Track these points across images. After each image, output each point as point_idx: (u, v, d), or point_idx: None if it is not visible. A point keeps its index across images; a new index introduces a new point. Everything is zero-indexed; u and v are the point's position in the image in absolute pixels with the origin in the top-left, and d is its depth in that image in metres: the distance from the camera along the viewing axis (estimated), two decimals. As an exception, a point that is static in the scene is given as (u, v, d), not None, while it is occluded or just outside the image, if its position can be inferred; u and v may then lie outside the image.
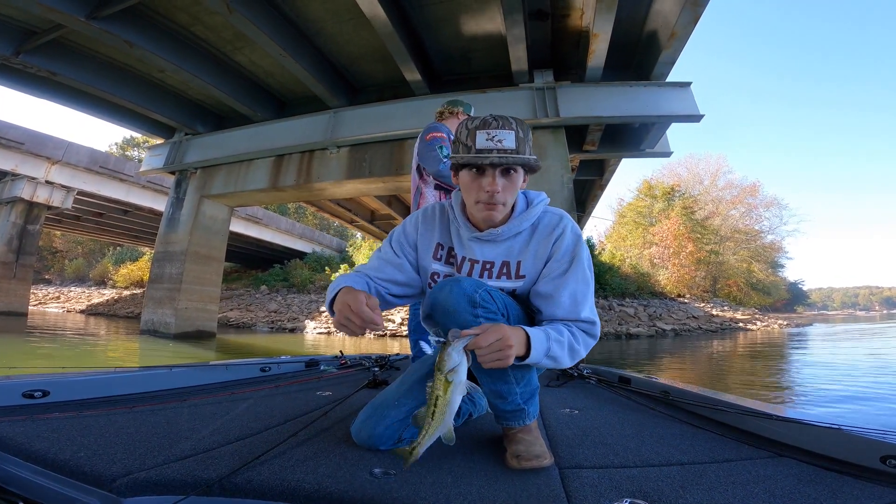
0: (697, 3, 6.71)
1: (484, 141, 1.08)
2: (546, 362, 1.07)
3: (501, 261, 1.20)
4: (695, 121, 8.41)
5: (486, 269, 1.20)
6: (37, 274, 34.78)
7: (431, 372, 1.13)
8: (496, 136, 1.07)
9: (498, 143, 1.07)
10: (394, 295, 1.27)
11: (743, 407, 1.43)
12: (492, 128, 1.08)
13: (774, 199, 34.29)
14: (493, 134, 1.08)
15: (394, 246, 1.30)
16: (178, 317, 10.59)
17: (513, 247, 1.19)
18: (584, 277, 1.16)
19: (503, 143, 1.07)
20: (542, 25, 8.09)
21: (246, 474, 0.93)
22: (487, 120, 1.09)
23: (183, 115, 11.48)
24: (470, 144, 1.09)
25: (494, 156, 1.07)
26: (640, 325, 16.44)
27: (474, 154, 1.09)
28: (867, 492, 0.91)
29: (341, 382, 2.19)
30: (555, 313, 1.14)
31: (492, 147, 1.07)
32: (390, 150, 9.49)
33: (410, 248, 1.30)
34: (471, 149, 1.09)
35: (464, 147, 1.11)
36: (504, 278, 1.20)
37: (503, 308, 1.11)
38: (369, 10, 7.06)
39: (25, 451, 0.96)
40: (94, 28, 7.87)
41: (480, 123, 1.09)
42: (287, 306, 20.59)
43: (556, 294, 1.14)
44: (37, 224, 16.81)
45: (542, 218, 1.21)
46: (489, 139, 1.08)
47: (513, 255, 1.19)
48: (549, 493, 0.92)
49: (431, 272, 1.27)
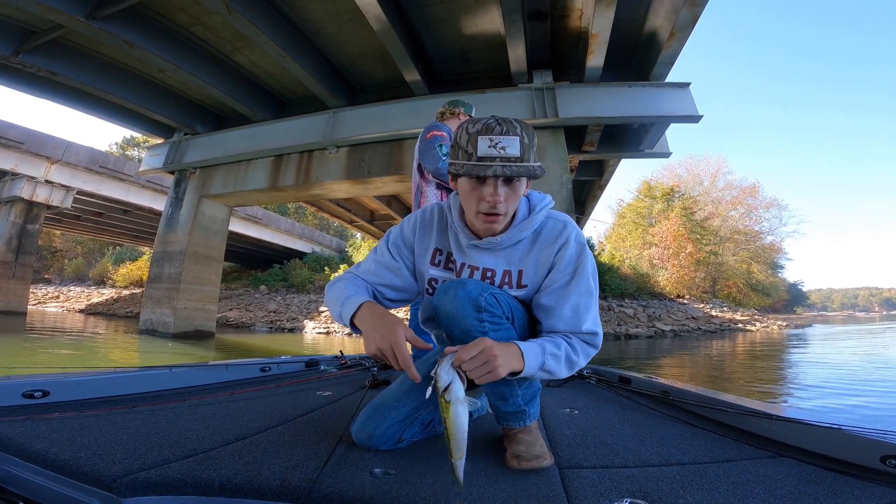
0: (696, 3, 6.73)
1: (486, 148, 0.99)
2: (541, 375, 1.04)
3: (503, 270, 1.15)
4: (694, 121, 8.43)
5: (487, 278, 1.16)
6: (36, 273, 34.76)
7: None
8: (500, 143, 0.98)
9: (501, 150, 0.98)
10: (389, 299, 1.25)
11: (743, 407, 1.43)
12: (495, 133, 0.99)
13: (774, 200, 34.35)
14: (496, 140, 0.99)
15: (391, 249, 1.25)
16: (176, 316, 10.59)
17: (513, 255, 1.15)
18: (587, 289, 1.11)
19: (507, 150, 0.99)
20: (541, 26, 8.12)
21: (246, 474, 0.93)
22: (490, 124, 1.00)
23: (182, 115, 11.49)
24: (471, 151, 1.01)
25: (498, 164, 0.98)
26: (639, 326, 16.46)
27: (475, 162, 1.00)
28: (867, 492, 0.91)
29: (341, 382, 2.18)
30: (555, 326, 1.10)
31: (495, 155, 0.99)
32: (389, 151, 9.50)
33: (408, 251, 1.26)
34: (472, 156, 1.01)
35: (464, 153, 1.02)
36: (506, 288, 1.15)
37: (508, 312, 1.08)
38: (368, 9, 7.06)
39: (25, 451, 0.95)
40: (94, 28, 7.87)
41: (483, 128, 1.00)
42: (286, 306, 20.61)
43: (558, 307, 1.10)
44: (36, 223, 16.80)
45: (545, 224, 1.16)
46: (492, 146, 0.99)
47: (513, 264, 1.15)
48: (549, 493, 0.92)
49: (429, 278, 1.23)
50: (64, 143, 16.41)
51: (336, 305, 1.12)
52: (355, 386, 2.07)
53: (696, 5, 6.77)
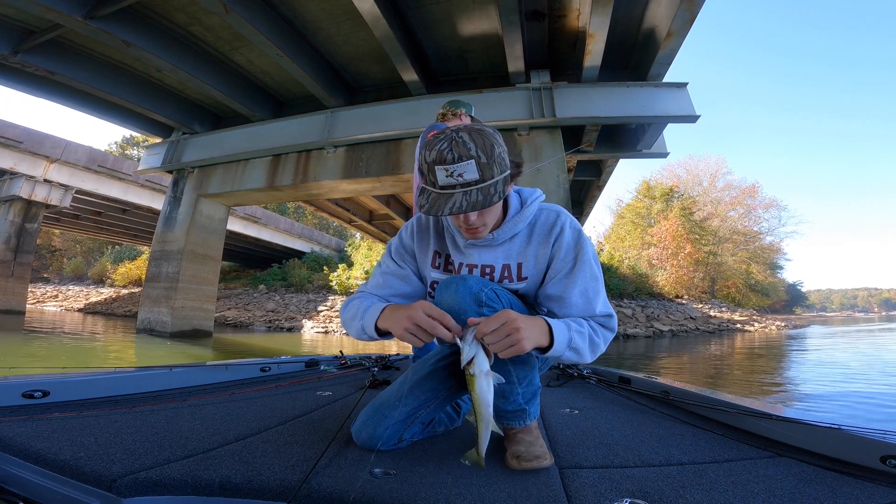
0: (693, 2, 6.73)
1: (444, 177, 0.99)
2: (569, 354, 1.03)
3: (502, 264, 1.17)
4: (691, 121, 8.43)
5: (487, 274, 1.18)
6: (36, 272, 34.71)
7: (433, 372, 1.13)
8: (455, 171, 0.97)
9: (459, 177, 0.98)
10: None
11: (743, 407, 1.44)
12: (448, 163, 0.97)
13: (773, 201, 34.44)
14: (451, 169, 0.97)
15: (395, 258, 1.28)
16: (174, 315, 10.57)
17: (511, 249, 1.17)
18: (591, 273, 1.12)
19: (464, 176, 0.97)
20: (538, 26, 8.11)
21: (246, 474, 0.94)
22: (443, 154, 0.97)
23: (181, 114, 11.47)
24: (433, 180, 1.01)
25: (458, 193, 0.99)
26: (637, 326, 16.48)
27: (438, 191, 1.01)
28: (867, 492, 0.91)
29: (341, 382, 2.19)
30: (569, 314, 1.11)
31: (454, 183, 0.98)
32: (387, 150, 9.49)
33: (410, 257, 1.28)
34: (434, 184, 1.01)
35: (429, 180, 1.03)
36: (506, 281, 1.17)
37: (508, 307, 1.08)
38: (365, 9, 7.06)
39: (25, 451, 0.96)
40: (92, 27, 7.85)
41: (437, 157, 0.98)
42: (285, 306, 20.60)
43: (567, 295, 1.11)
44: (35, 223, 16.79)
45: (539, 216, 1.18)
46: (449, 175, 0.98)
47: (512, 258, 1.17)
48: (549, 493, 0.93)
49: (431, 281, 1.25)
50: (63, 143, 16.40)
51: (355, 322, 1.13)
52: (355, 386, 2.08)
53: (693, 4, 6.77)
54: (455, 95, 8.78)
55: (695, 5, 6.80)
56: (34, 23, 8.81)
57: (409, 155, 9.22)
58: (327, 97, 9.89)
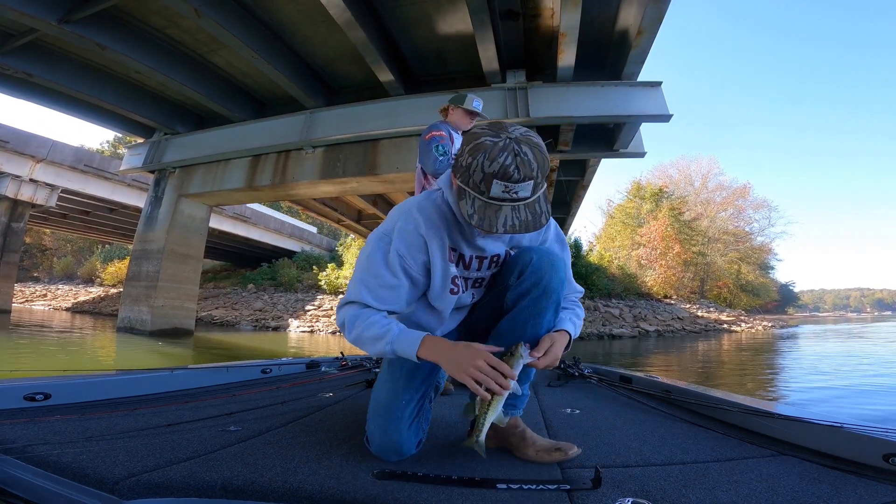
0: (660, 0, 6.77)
1: (500, 192, 0.96)
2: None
3: (504, 250, 1.24)
4: (664, 120, 8.48)
5: (494, 262, 1.23)
6: (26, 272, 34.68)
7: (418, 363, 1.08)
8: (514, 190, 0.95)
9: (514, 194, 0.96)
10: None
11: (745, 406, 1.45)
12: (512, 181, 0.94)
13: (764, 201, 34.61)
14: (511, 187, 0.95)
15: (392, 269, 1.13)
16: (154, 314, 10.62)
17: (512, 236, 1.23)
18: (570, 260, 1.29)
19: (519, 194, 0.96)
20: (514, 25, 8.10)
21: (247, 476, 0.95)
22: (507, 171, 0.94)
23: (162, 115, 11.49)
24: (483, 189, 0.97)
25: (507, 207, 0.98)
26: (623, 326, 16.56)
27: (486, 200, 0.98)
28: (870, 490, 0.92)
29: (342, 384, 2.19)
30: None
31: (506, 198, 0.97)
32: (364, 151, 9.53)
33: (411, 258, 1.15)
34: (483, 193, 0.98)
35: (477, 187, 0.98)
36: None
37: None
38: (334, 10, 7.08)
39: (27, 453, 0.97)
40: (67, 32, 7.88)
41: (499, 171, 0.94)
42: (273, 305, 20.61)
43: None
44: (21, 222, 16.76)
45: None
46: (505, 191, 0.96)
47: (514, 241, 1.25)
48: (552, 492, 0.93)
49: (452, 276, 1.19)
50: (49, 142, 16.38)
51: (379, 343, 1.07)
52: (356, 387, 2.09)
53: (661, 2, 6.80)
54: (434, 95, 8.86)
55: (662, 2, 6.80)
56: (11, 26, 8.79)
57: (386, 155, 9.26)
58: (306, 98, 9.92)
